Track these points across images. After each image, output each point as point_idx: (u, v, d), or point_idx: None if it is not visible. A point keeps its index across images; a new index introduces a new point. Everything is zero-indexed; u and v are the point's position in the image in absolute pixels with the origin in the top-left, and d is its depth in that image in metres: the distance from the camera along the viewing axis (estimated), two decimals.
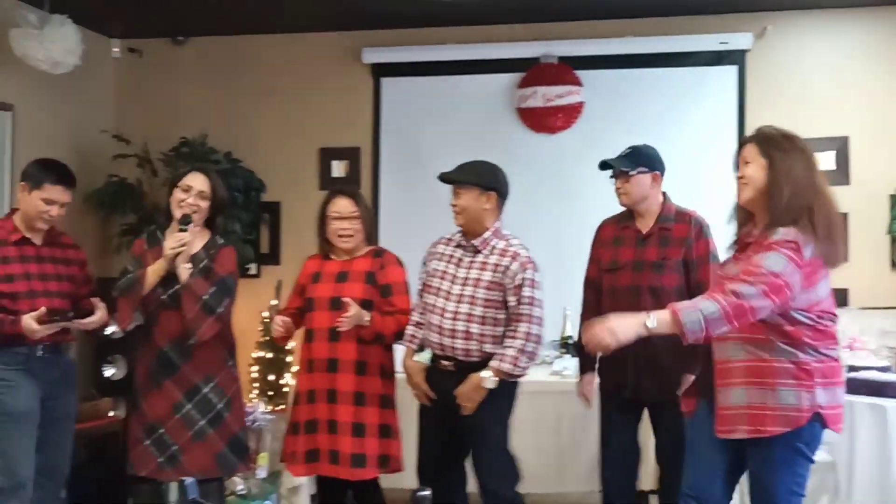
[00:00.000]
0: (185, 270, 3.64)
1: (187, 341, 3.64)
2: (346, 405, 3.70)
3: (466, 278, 3.61)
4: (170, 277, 3.69)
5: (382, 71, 6.04)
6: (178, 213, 3.71)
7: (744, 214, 2.96)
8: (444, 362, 3.67)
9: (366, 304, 3.71)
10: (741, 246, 2.92)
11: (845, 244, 2.87)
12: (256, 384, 5.72)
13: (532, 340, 3.52)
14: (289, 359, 5.70)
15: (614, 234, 3.83)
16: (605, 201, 4.88)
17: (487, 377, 3.53)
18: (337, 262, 3.88)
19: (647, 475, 4.32)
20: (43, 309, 3.57)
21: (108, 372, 5.66)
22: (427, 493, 1.73)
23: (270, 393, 5.63)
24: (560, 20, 5.77)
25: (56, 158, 3.96)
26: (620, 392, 3.72)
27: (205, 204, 3.76)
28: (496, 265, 3.57)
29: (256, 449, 4.90)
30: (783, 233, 2.72)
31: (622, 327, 2.74)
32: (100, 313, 3.75)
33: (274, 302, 5.77)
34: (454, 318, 3.59)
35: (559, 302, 4.51)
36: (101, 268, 6.11)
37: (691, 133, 5.64)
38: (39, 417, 3.72)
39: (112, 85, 6.33)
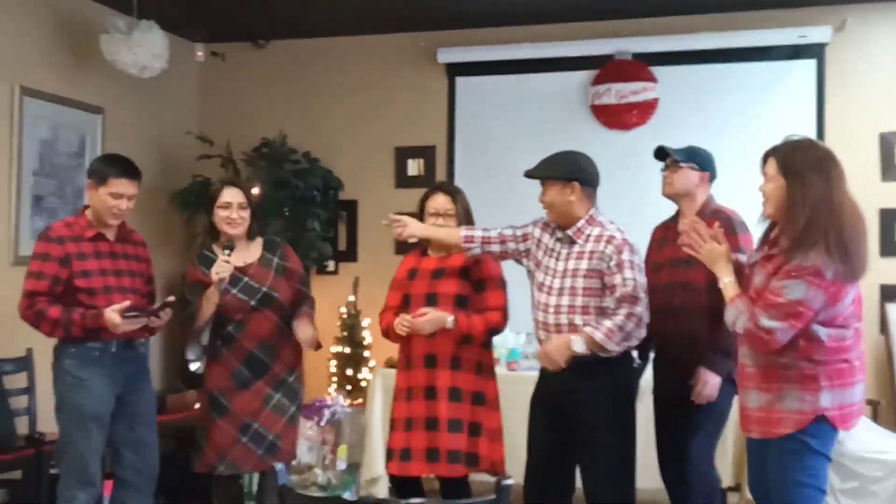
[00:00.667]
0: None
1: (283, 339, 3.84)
2: (443, 401, 3.67)
3: (565, 270, 3.45)
4: (249, 284, 3.83)
5: (457, 70, 6.12)
6: (225, 230, 3.84)
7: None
8: None
9: (460, 301, 3.70)
10: (767, 253, 2.91)
11: (866, 252, 2.80)
12: (335, 378, 5.84)
13: (632, 321, 3.33)
14: (366, 354, 5.82)
15: (661, 235, 3.83)
16: None
17: (577, 340, 3.32)
18: (434, 259, 3.84)
19: (726, 471, 4.31)
20: (126, 303, 3.60)
21: (194, 365, 5.85)
22: (510, 482, 1.74)
23: (349, 387, 5.75)
24: (634, 17, 5.77)
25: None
26: (667, 390, 3.73)
27: (246, 214, 3.87)
28: (592, 252, 3.42)
29: (336, 441, 5.02)
30: (801, 258, 2.72)
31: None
32: (170, 311, 3.80)
33: (351, 298, 5.89)
34: (557, 313, 3.45)
35: None
36: (186, 265, 6.31)
37: (768, 129, 5.54)
38: (120, 415, 3.76)
39: (196, 88, 6.53)
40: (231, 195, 3.85)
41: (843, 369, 2.82)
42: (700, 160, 3.74)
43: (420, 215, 3.87)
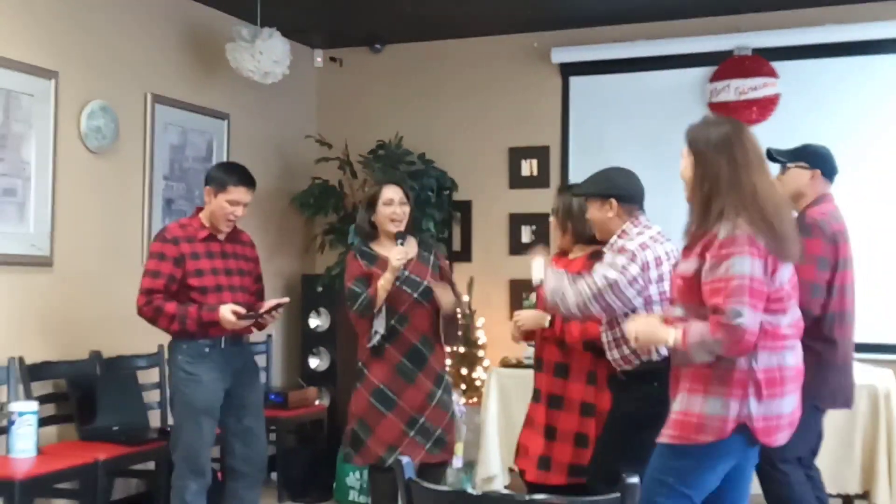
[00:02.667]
0: (442, 294, 3.92)
1: (455, 344, 3.97)
2: (542, 406, 3.67)
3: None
4: (411, 278, 3.94)
5: (571, 70, 6.09)
6: (390, 228, 3.96)
7: None
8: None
9: None
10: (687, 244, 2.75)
11: (795, 239, 2.64)
12: (450, 378, 5.89)
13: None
14: (480, 353, 5.85)
15: None
16: None
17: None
18: (565, 261, 3.80)
19: (853, 478, 4.18)
20: (241, 309, 3.78)
21: (314, 363, 6.01)
22: (636, 480, 1.73)
23: (463, 386, 5.80)
24: (754, 11, 5.63)
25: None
26: None
27: (407, 209, 4.01)
28: None
29: (453, 439, 5.08)
30: (729, 229, 2.55)
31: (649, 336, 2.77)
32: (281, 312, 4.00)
33: (466, 298, 5.94)
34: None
35: None
36: (306, 265, 6.50)
37: None
38: (229, 407, 3.93)
39: (315, 92, 6.70)
40: (392, 192, 3.99)
41: (774, 378, 2.61)
42: (810, 158, 3.61)
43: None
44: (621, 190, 3.42)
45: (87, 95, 4.79)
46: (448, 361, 5.78)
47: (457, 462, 4.95)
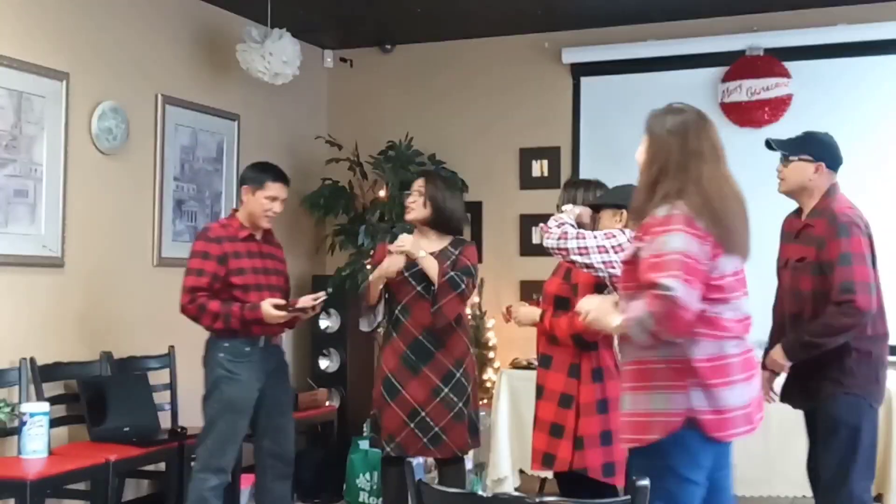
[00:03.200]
0: (423, 258, 3.95)
1: (438, 323, 3.92)
2: (550, 403, 3.65)
3: None
4: (421, 272, 3.98)
5: (582, 70, 6.07)
6: (405, 215, 4.11)
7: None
8: None
9: (559, 302, 3.67)
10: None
11: (743, 232, 2.58)
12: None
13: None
14: (491, 355, 5.84)
15: (785, 229, 3.60)
16: None
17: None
18: None
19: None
20: (281, 301, 3.91)
21: (324, 364, 6.01)
22: (646, 482, 1.71)
23: None
24: (766, 11, 5.61)
25: (275, 163, 4.28)
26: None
27: (421, 201, 4.05)
28: None
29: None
30: (667, 209, 2.52)
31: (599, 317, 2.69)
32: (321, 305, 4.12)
33: (476, 299, 5.92)
34: None
35: (766, 301, 4.40)
36: (316, 266, 6.50)
37: None
38: (261, 406, 4.02)
39: (325, 93, 6.70)
40: (416, 184, 4.12)
41: (720, 367, 2.53)
42: (814, 149, 3.43)
43: None
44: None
45: (98, 97, 4.80)
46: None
47: (467, 464, 4.94)
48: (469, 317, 5.88)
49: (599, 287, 3.60)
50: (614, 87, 6.01)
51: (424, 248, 4.01)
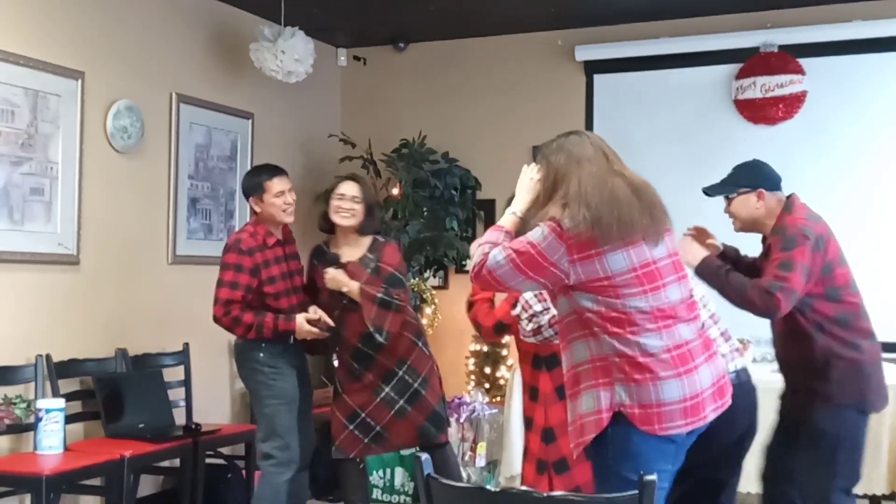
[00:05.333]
0: (350, 291, 4.01)
1: (380, 340, 3.97)
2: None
3: None
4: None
5: (595, 68, 6.06)
6: (336, 220, 4.10)
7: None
8: None
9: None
10: None
11: (624, 217, 2.51)
12: (473, 376, 5.89)
13: None
14: (504, 352, 5.84)
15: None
16: (825, 194, 4.69)
17: None
18: None
19: (880, 478, 4.13)
20: (314, 316, 3.99)
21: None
22: (653, 477, 1.71)
23: (487, 385, 5.80)
24: (780, 7, 5.58)
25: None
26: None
27: (359, 207, 4.11)
28: None
29: (475, 438, 5.08)
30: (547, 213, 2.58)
31: None
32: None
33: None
34: None
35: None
36: None
37: None
38: None
39: (339, 91, 6.72)
40: (346, 188, 4.13)
41: (641, 363, 2.48)
42: (747, 178, 3.38)
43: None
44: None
45: (113, 95, 4.83)
46: (471, 360, 5.86)
47: (480, 461, 4.95)
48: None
49: None
50: (627, 85, 6.00)
51: (346, 254, 4.11)
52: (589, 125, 6.08)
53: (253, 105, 5.81)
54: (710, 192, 3.44)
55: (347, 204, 4.09)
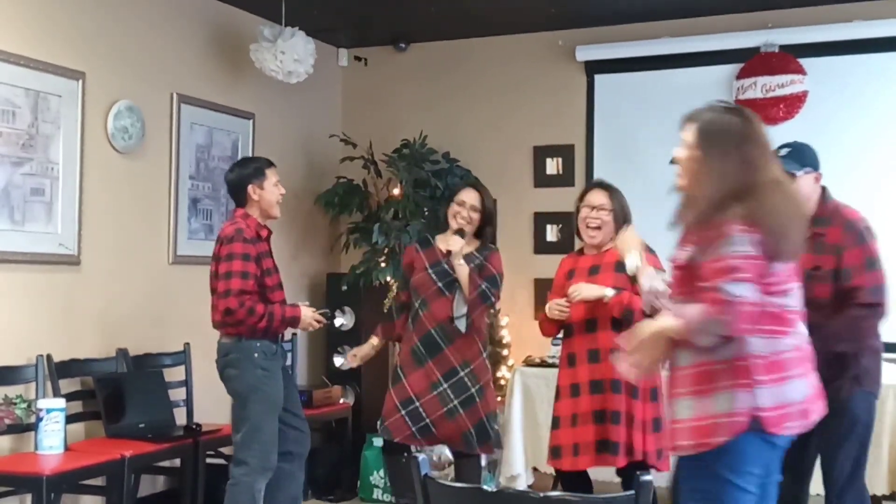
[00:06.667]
0: (460, 266, 4.10)
1: (460, 326, 4.07)
2: (616, 394, 3.71)
3: None
4: (444, 269, 4.15)
5: (596, 68, 6.06)
6: (454, 224, 4.20)
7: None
8: None
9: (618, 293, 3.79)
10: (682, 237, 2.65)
11: (796, 235, 2.51)
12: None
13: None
14: (505, 353, 5.84)
15: None
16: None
17: None
18: (589, 258, 3.97)
19: (881, 478, 4.13)
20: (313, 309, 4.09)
21: (338, 361, 6.02)
22: (649, 477, 1.72)
23: None
24: (781, 7, 5.58)
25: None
26: None
27: (476, 216, 4.22)
28: None
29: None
30: (720, 217, 2.47)
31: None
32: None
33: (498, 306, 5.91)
34: None
35: None
36: (331, 264, 6.52)
37: None
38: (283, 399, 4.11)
39: (340, 91, 6.72)
40: (467, 195, 4.26)
41: (779, 362, 2.48)
42: (811, 160, 3.45)
43: (575, 212, 4.01)
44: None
45: (114, 96, 4.84)
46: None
47: (481, 460, 4.94)
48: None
49: None
50: (628, 85, 6.00)
51: (459, 247, 4.16)
52: (590, 125, 6.08)
53: (254, 105, 5.81)
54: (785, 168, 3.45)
55: (465, 212, 4.21)
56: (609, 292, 3.73)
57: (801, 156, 3.46)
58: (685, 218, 2.62)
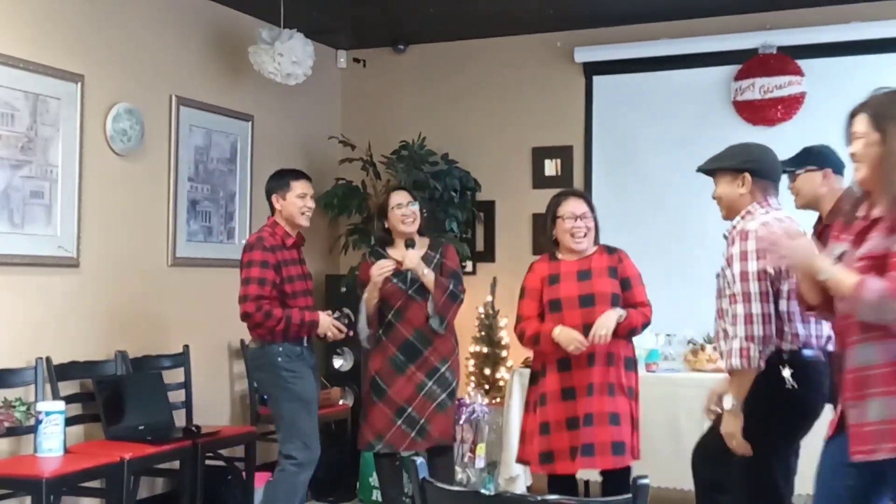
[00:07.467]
0: (426, 276, 4.18)
1: (437, 328, 4.19)
2: (602, 396, 3.79)
3: (733, 275, 3.04)
4: (407, 276, 4.23)
5: (594, 69, 6.07)
6: (401, 229, 4.27)
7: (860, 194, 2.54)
8: None
9: (615, 299, 3.86)
10: (861, 228, 2.46)
11: None
12: (473, 378, 5.90)
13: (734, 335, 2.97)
14: (503, 354, 5.85)
15: (836, 232, 3.53)
16: None
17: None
18: (572, 262, 3.94)
19: None
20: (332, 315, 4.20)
21: (338, 363, 6.03)
22: (647, 481, 1.72)
23: (486, 387, 5.80)
24: (779, 9, 5.59)
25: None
26: None
27: (415, 209, 4.32)
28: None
29: (475, 440, 5.09)
30: None
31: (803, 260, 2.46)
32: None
33: (489, 298, 5.94)
34: (717, 318, 3.19)
35: None
36: (330, 266, 6.53)
37: None
38: None
39: (339, 93, 6.72)
40: (400, 197, 4.33)
41: None
42: (816, 159, 3.56)
43: (552, 221, 3.99)
44: (758, 164, 3.14)
45: (113, 98, 4.84)
46: (471, 362, 5.87)
47: (479, 462, 4.95)
48: (482, 315, 5.92)
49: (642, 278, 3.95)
50: (627, 86, 6.01)
51: (410, 260, 4.24)
52: (588, 126, 6.09)
53: (253, 107, 5.82)
54: (784, 165, 3.46)
55: (408, 210, 4.28)
56: (623, 314, 3.80)
57: (804, 156, 3.58)
58: (877, 210, 2.42)
